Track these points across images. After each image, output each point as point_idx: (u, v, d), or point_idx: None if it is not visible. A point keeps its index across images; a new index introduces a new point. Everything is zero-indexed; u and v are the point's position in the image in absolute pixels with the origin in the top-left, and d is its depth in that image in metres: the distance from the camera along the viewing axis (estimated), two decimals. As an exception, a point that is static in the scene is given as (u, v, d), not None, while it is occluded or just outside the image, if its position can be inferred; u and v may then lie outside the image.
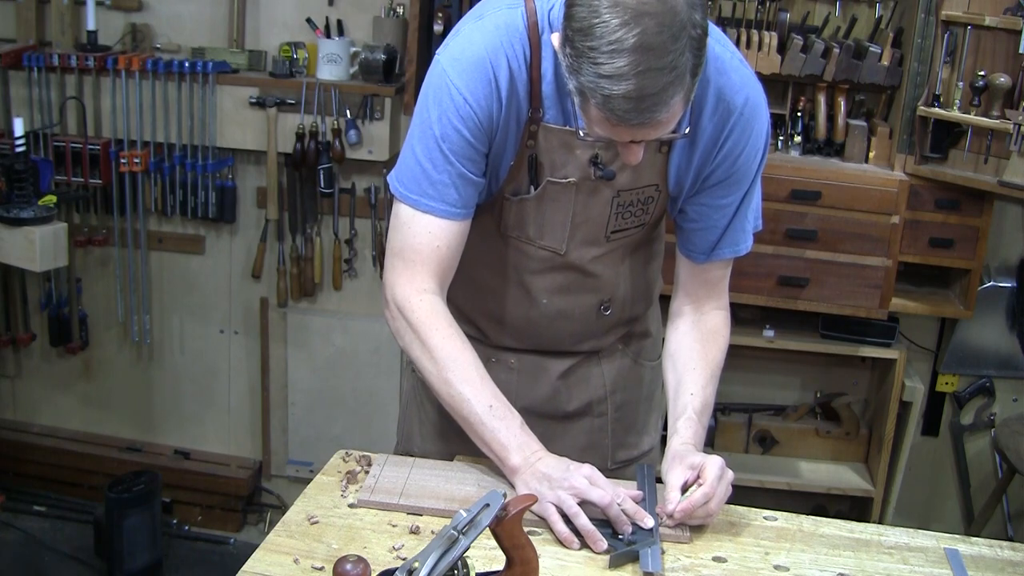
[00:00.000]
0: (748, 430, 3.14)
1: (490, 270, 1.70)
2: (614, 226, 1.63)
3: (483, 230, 1.65)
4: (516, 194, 1.59)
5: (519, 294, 1.70)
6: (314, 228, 3.26)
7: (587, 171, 1.56)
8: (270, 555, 1.37)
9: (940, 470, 3.28)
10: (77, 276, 3.40)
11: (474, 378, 1.52)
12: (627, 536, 1.41)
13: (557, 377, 1.77)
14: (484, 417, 1.50)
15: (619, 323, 1.78)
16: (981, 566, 1.45)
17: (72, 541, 3.35)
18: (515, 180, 1.58)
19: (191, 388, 3.52)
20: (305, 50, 3.07)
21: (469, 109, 1.49)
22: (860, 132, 2.79)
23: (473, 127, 1.51)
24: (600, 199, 1.60)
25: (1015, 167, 2.54)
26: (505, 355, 1.77)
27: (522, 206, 1.60)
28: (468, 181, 1.54)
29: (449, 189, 1.53)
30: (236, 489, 3.44)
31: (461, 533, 1.17)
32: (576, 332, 1.74)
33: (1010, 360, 3.08)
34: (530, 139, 1.54)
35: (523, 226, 1.63)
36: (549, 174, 1.57)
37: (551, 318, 1.71)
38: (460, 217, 1.56)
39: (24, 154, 2.76)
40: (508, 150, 1.56)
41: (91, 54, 3.06)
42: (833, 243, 2.69)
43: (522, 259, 1.67)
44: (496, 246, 1.67)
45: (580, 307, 1.71)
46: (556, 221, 1.61)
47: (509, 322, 1.73)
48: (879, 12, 2.84)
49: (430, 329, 1.54)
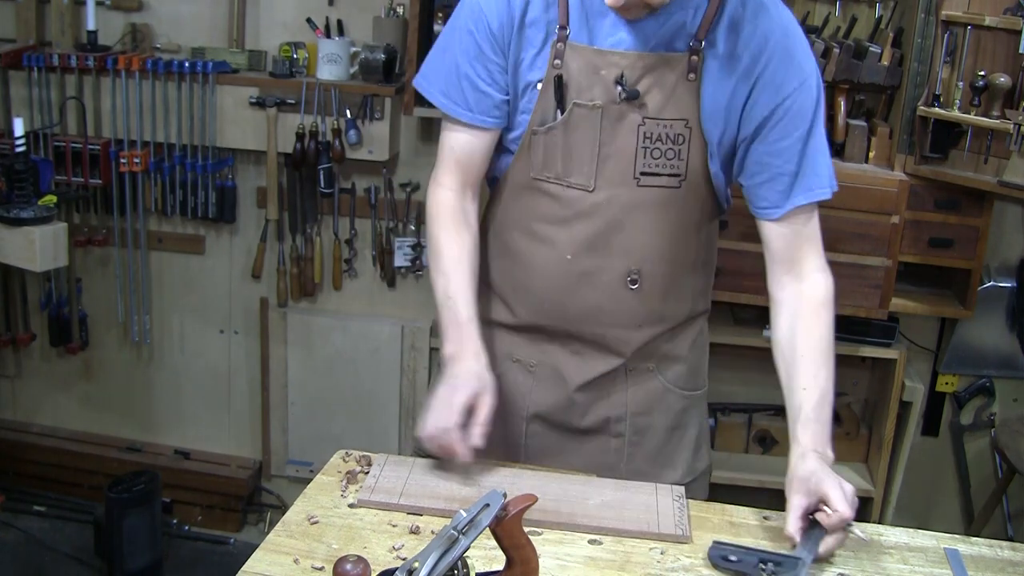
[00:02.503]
0: (748, 430, 3.14)
1: (520, 232, 1.70)
2: (643, 165, 1.60)
3: (516, 184, 1.68)
4: (543, 123, 1.61)
5: (545, 252, 1.68)
6: (314, 228, 3.26)
7: (612, 93, 1.57)
8: (270, 555, 1.37)
9: (940, 470, 3.28)
10: (77, 276, 3.40)
11: (447, 267, 1.68)
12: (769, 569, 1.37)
13: (576, 388, 1.74)
14: (440, 304, 1.68)
15: (650, 317, 1.70)
16: (981, 566, 1.45)
17: (72, 541, 3.35)
18: (543, 106, 1.61)
19: (191, 388, 3.52)
20: (305, 50, 3.07)
21: (484, 16, 1.60)
22: (860, 132, 2.78)
23: (485, 34, 1.60)
24: (627, 126, 1.59)
25: (1015, 167, 2.54)
26: (527, 351, 1.75)
27: (550, 138, 1.61)
28: (475, 87, 1.63)
29: (457, 90, 1.65)
30: (236, 489, 3.44)
31: (461, 533, 1.17)
32: (602, 307, 1.68)
33: (1010, 360, 3.08)
34: (557, 58, 1.58)
35: (552, 162, 1.63)
36: (575, 96, 1.58)
37: (576, 282, 1.67)
38: (468, 120, 1.66)
39: (24, 154, 2.76)
40: (538, 71, 1.60)
41: (91, 54, 3.06)
42: (833, 243, 2.67)
43: (551, 207, 1.65)
44: (526, 201, 1.68)
45: (605, 271, 1.66)
46: (583, 152, 1.60)
47: (535, 291, 1.70)
48: (879, 12, 2.84)
49: (431, 218, 1.73)
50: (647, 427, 1.77)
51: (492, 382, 1.62)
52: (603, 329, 1.70)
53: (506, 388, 1.75)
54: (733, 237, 2.71)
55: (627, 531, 1.47)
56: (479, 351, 1.63)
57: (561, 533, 1.46)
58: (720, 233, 2.67)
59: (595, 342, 1.71)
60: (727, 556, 1.39)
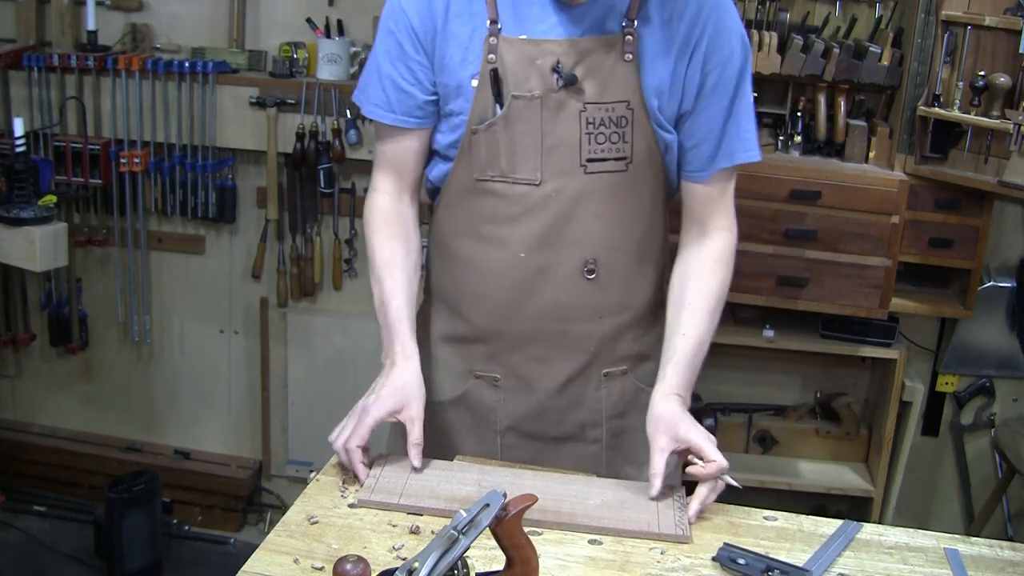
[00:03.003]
0: (748, 430, 3.14)
1: (467, 237, 1.68)
2: (589, 152, 1.59)
3: (457, 189, 1.66)
4: (483, 120, 1.59)
5: (496, 253, 1.65)
6: (314, 228, 3.26)
7: (550, 81, 1.56)
8: (270, 555, 1.37)
9: (940, 470, 3.28)
10: (77, 276, 3.40)
11: (381, 274, 1.67)
12: None
13: (546, 395, 1.72)
14: (376, 312, 1.67)
15: (611, 307, 1.69)
16: (981, 566, 1.45)
17: (72, 541, 3.35)
18: (480, 103, 1.59)
19: (191, 388, 3.52)
20: (305, 50, 3.07)
21: (404, 15, 1.60)
22: (860, 132, 2.78)
23: (406, 32, 1.60)
24: (568, 114, 1.58)
25: (1015, 167, 2.54)
26: (488, 365, 1.72)
27: (491, 135, 1.59)
28: (398, 87, 1.63)
29: (379, 90, 1.65)
30: (236, 489, 3.44)
31: (461, 533, 1.17)
32: (561, 302, 1.66)
33: (1010, 360, 3.08)
34: (490, 52, 1.57)
35: (495, 160, 1.60)
36: (513, 89, 1.57)
37: (532, 279, 1.65)
38: (391, 122, 1.65)
39: (24, 154, 2.76)
40: (470, 65, 1.58)
41: (91, 54, 3.06)
42: (833, 243, 2.69)
43: (498, 207, 1.63)
44: (471, 205, 1.65)
45: (561, 265, 1.64)
46: (527, 145, 1.59)
47: (490, 295, 1.68)
48: (879, 12, 2.84)
49: (366, 224, 1.71)
50: (623, 430, 1.76)
51: (419, 390, 1.61)
52: (564, 325, 1.68)
53: (473, 403, 1.74)
54: (733, 237, 2.71)
55: (627, 531, 1.47)
56: (409, 355, 1.62)
57: (561, 533, 1.46)
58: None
59: (557, 342, 1.69)
60: (735, 559, 1.39)
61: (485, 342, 1.72)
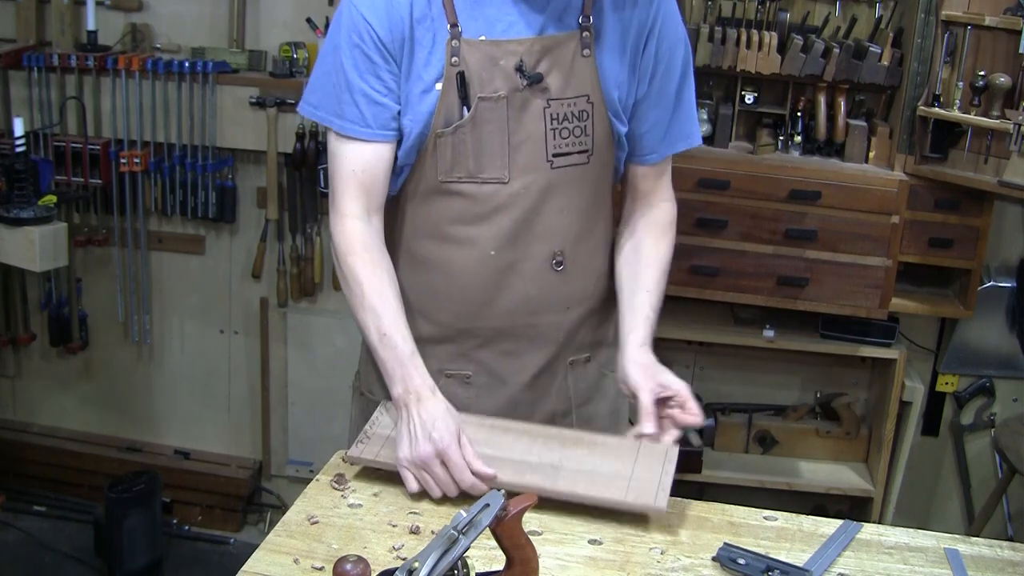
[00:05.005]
0: (748, 430, 3.14)
1: (433, 239, 1.67)
2: (554, 147, 1.62)
3: (420, 192, 1.65)
4: (449, 124, 1.59)
5: (465, 253, 1.65)
6: (314, 228, 3.26)
7: (514, 80, 1.58)
8: (270, 555, 1.37)
9: (940, 470, 3.28)
10: (77, 276, 3.40)
11: (374, 304, 1.59)
12: None
13: (518, 389, 1.73)
14: (376, 345, 1.59)
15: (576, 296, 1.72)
16: (981, 566, 1.45)
17: (72, 541, 3.35)
18: (446, 106, 1.59)
19: (191, 388, 3.52)
20: (305, 50, 3.07)
21: (368, 27, 1.56)
22: (860, 132, 2.78)
23: (373, 45, 1.57)
24: (533, 111, 1.60)
25: (1015, 167, 2.54)
26: (458, 363, 1.72)
27: (457, 137, 1.60)
28: (372, 100, 1.59)
29: (352, 107, 1.59)
30: (236, 489, 3.44)
31: (461, 533, 1.17)
32: (531, 295, 1.68)
33: (1010, 360, 3.08)
34: (454, 55, 1.57)
35: (462, 161, 1.61)
36: (478, 90, 1.58)
37: (502, 276, 1.66)
38: (368, 137, 1.60)
39: (24, 154, 2.76)
40: (432, 70, 1.58)
41: (91, 54, 3.06)
42: (833, 243, 2.69)
43: (465, 207, 1.63)
44: (436, 207, 1.65)
45: (531, 259, 1.66)
46: (494, 145, 1.60)
47: (459, 295, 1.68)
48: (879, 12, 2.84)
49: (344, 254, 1.62)
50: (591, 416, 1.80)
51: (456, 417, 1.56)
52: (535, 318, 1.70)
53: None
54: (733, 237, 2.71)
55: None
56: (434, 386, 1.58)
57: (561, 533, 1.46)
58: (720, 233, 2.71)
59: (526, 335, 1.71)
60: (735, 559, 1.39)
61: (454, 341, 1.72)
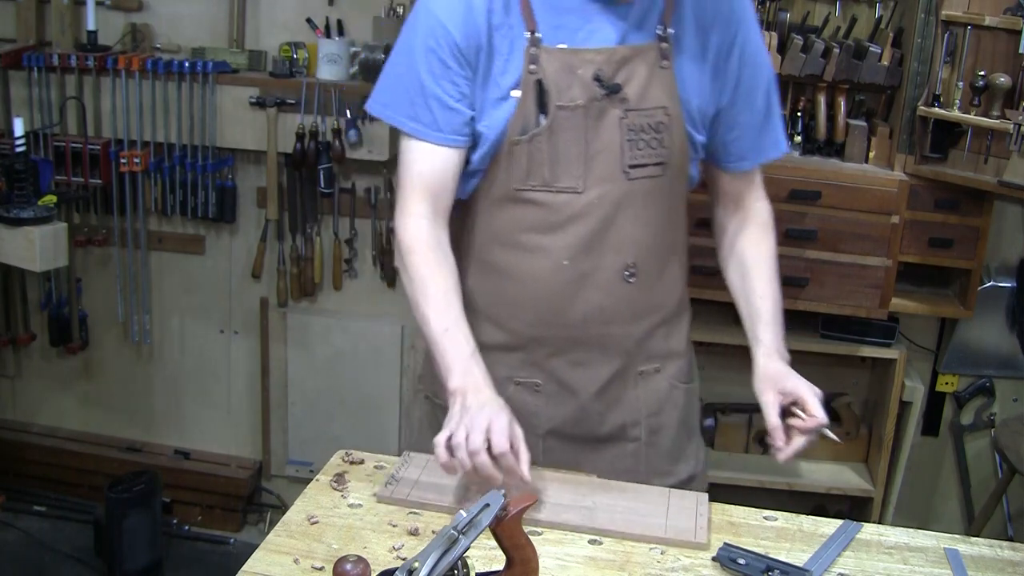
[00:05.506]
0: (748, 430, 3.14)
1: (505, 247, 1.67)
2: (631, 158, 1.61)
3: (493, 199, 1.65)
4: (526, 131, 1.59)
5: (538, 262, 1.65)
6: (314, 228, 3.26)
7: (592, 90, 1.58)
8: (270, 555, 1.37)
9: (940, 470, 3.28)
10: (77, 276, 3.40)
11: (439, 301, 1.58)
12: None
13: (587, 399, 1.72)
14: (438, 338, 1.57)
15: (647, 307, 1.71)
16: (981, 566, 1.45)
17: (72, 541, 3.35)
18: (523, 113, 1.58)
19: (191, 388, 3.52)
20: (305, 50, 3.07)
21: (445, 31, 1.55)
22: (860, 132, 2.78)
23: (450, 50, 1.56)
24: (610, 121, 1.59)
25: (1015, 167, 2.54)
26: (528, 371, 1.72)
27: (534, 146, 1.59)
28: (445, 106, 1.58)
29: (425, 110, 1.59)
30: (236, 489, 3.45)
31: (461, 533, 1.17)
32: (603, 306, 1.67)
33: (1010, 360, 3.08)
34: (532, 63, 1.57)
35: (537, 170, 1.60)
36: (556, 98, 1.57)
37: (574, 286, 1.65)
38: (439, 141, 1.60)
39: (24, 154, 2.76)
40: (509, 76, 1.58)
41: (91, 54, 3.06)
42: (833, 243, 2.69)
43: (539, 216, 1.63)
44: (509, 214, 1.65)
45: (603, 270, 1.65)
46: (570, 154, 1.60)
47: (531, 304, 1.67)
48: (879, 12, 2.84)
49: (409, 252, 1.62)
50: (660, 427, 1.78)
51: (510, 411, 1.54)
52: (606, 328, 1.69)
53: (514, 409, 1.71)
54: (733, 237, 2.71)
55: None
56: (491, 383, 1.56)
57: (561, 533, 1.46)
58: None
59: (597, 344, 1.70)
60: (735, 559, 1.39)
61: (525, 349, 1.71)
